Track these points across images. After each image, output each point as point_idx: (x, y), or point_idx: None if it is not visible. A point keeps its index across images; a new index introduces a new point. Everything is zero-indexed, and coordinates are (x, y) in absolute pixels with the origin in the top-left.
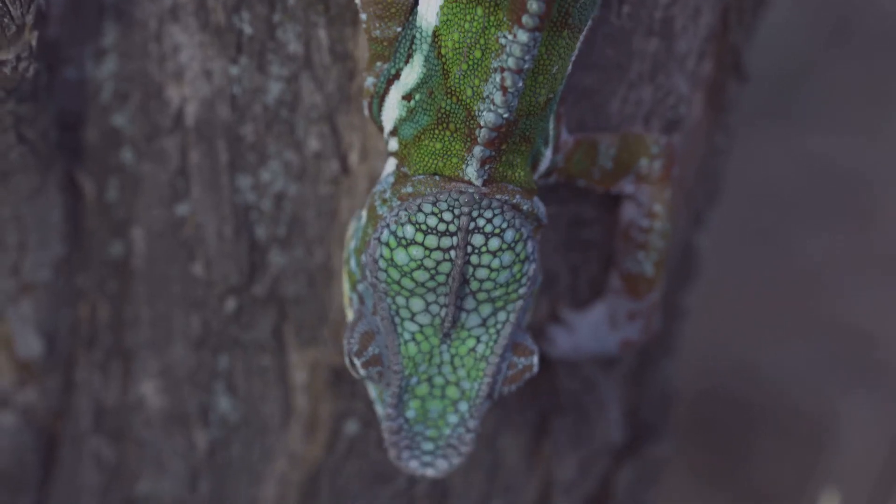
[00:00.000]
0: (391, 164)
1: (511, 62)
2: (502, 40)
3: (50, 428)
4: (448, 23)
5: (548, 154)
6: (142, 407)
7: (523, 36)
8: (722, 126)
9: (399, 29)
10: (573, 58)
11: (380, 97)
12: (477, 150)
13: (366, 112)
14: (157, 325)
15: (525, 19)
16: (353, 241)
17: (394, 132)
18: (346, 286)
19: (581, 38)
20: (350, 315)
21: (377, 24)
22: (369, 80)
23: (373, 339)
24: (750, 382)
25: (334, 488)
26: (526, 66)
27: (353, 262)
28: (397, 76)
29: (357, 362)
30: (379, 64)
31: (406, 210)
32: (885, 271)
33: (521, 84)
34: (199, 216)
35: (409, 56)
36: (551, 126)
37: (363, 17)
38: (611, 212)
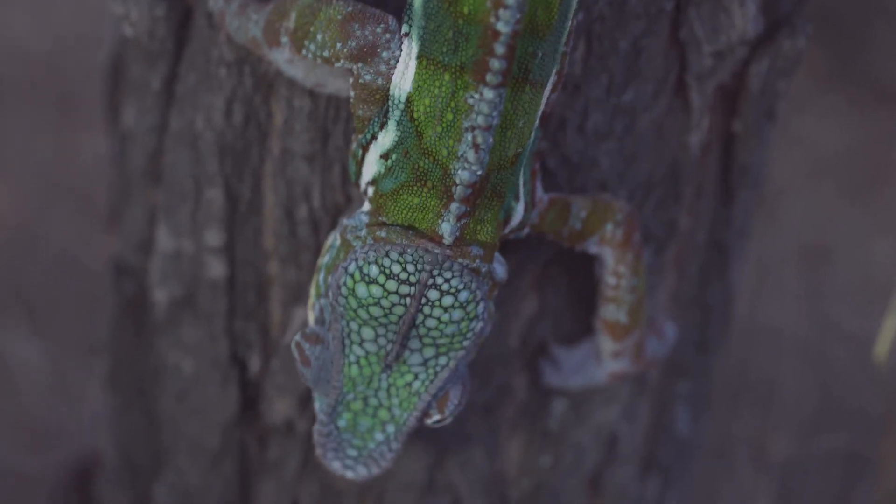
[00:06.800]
0: (367, 206)
1: (480, 120)
2: (470, 100)
3: None
4: (419, 89)
5: (519, 209)
6: None
7: (489, 93)
8: None
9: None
10: (539, 113)
11: (358, 160)
12: (453, 206)
13: (352, 168)
14: None
15: (489, 77)
16: (328, 257)
17: (372, 182)
18: (312, 293)
19: (546, 92)
20: (311, 318)
21: (361, 106)
22: (354, 145)
23: (320, 343)
24: None
25: None
26: (494, 123)
27: (321, 276)
28: (374, 138)
29: (299, 335)
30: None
31: (375, 251)
32: None
33: (491, 140)
34: None
35: (385, 121)
36: (521, 182)
37: (352, 94)
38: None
